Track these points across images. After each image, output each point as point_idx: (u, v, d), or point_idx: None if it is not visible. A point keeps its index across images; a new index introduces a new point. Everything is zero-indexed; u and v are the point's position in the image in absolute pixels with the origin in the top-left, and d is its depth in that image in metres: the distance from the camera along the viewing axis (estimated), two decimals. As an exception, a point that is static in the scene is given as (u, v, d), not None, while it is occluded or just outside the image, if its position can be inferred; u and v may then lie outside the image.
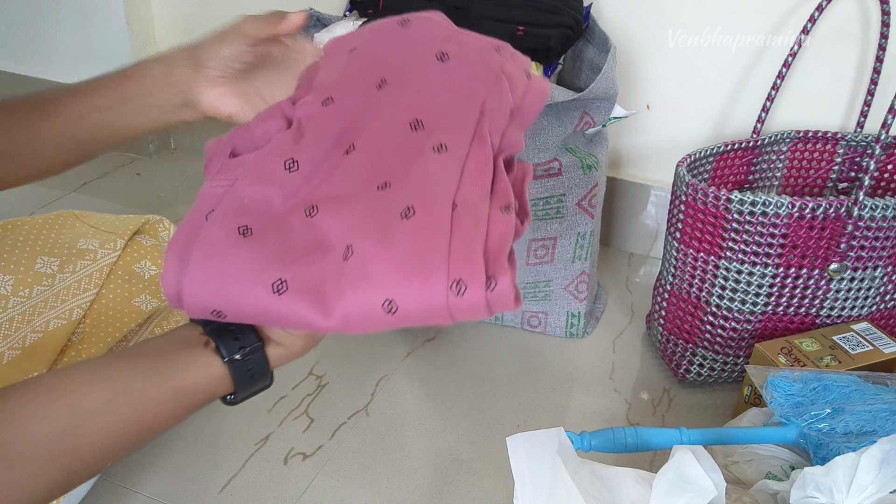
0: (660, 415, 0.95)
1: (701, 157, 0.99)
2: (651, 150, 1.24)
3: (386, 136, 0.48)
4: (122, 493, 0.82)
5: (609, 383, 1.00)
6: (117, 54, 1.47)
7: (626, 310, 1.15)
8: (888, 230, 0.85)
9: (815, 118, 1.12)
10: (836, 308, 0.90)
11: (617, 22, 1.15)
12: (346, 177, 0.47)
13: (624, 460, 0.82)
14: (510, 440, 0.45)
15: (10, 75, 1.59)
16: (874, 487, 0.56)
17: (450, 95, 0.49)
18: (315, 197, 0.46)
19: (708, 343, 0.95)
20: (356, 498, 0.82)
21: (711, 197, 0.86)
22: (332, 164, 0.48)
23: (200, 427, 0.91)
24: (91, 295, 0.73)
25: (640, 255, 1.30)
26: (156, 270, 0.78)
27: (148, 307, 0.76)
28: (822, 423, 0.69)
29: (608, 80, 0.92)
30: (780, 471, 0.69)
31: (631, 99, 1.20)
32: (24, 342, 0.68)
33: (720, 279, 0.90)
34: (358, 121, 0.49)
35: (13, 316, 0.69)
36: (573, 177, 0.97)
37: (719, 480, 0.53)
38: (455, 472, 0.85)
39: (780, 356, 0.84)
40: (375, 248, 0.42)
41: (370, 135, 0.48)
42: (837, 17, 1.05)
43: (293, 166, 0.47)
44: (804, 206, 0.83)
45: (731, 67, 1.13)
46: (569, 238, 1.00)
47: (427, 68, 0.51)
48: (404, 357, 1.03)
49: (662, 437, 0.65)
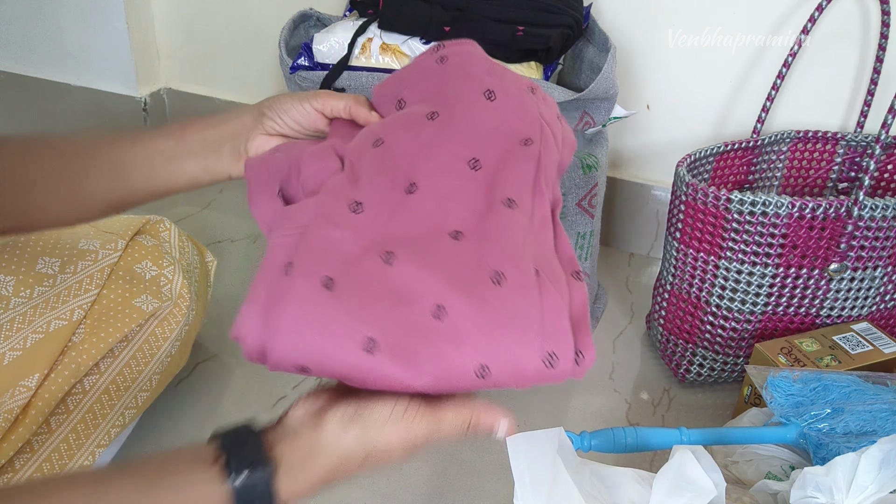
0: (660, 415, 0.95)
1: (701, 157, 0.99)
2: (651, 150, 1.24)
3: (447, 176, 0.48)
4: (123, 493, 0.82)
5: (609, 383, 1.00)
6: (117, 54, 1.47)
7: (626, 310, 1.15)
8: (888, 230, 0.85)
9: (815, 118, 1.12)
10: (836, 308, 0.90)
11: (617, 22, 1.15)
12: (412, 218, 0.47)
13: (624, 460, 0.82)
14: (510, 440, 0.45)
15: (10, 75, 1.59)
16: (874, 487, 0.56)
17: (503, 137, 0.50)
18: (385, 238, 0.46)
19: (708, 343, 0.95)
20: (356, 498, 0.82)
21: (711, 197, 0.86)
22: (395, 203, 0.47)
23: (201, 427, 0.91)
24: (92, 295, 0.73)
25: (640, 255, 1.30)
26: (157, 271, 0.78)
27: (149, 307, 0.76)
28: (822, 423, 0.69)
29: (608, 80, 0.92)
30: (780, 471, 0.69)
31: (631, 99, 1.20)
32: (24, 343, 0.68)
33: (720, 279, 0.90)
34: (413, 158, 0.49)
35: (14, 317, 0.69)
36: (573, 177, 0.97)
37: (719, 480, 0.53)
38: (455, 472, 0.85)
39: (780, 356, 0.84)
40: (470, 313, 0.42)
41: (430, 173, 0.48)
42: (837, 17, 1.05)
43: (358, 208, 0.46)
44: (804, 206, 0.83)
45: (731, 67, 1.13)
46: (569, 238, 1.00)
47: (476, 105, 0.50)
48: (404, 357, 1.03)
49: (662, 437, 0.65)
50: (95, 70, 1.52)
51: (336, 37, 0.97)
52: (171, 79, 1.54)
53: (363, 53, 0.96)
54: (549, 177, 0.49)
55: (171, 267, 0.79)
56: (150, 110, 1.52)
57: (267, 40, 1.40)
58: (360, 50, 0.96)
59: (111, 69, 1.50)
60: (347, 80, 0.93)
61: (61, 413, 0.70)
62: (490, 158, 0.49)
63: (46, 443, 0.69)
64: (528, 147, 0.49)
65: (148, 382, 0.76)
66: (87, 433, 0.71)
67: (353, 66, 0.96)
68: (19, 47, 1.55)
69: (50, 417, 0.69)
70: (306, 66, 0.98)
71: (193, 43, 1.48)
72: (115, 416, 0.73)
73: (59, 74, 1.55)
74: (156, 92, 1.53)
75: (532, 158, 0.49)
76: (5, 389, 0.65)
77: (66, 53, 1.52)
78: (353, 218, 0.46)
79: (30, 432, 0.67)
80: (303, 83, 0.97)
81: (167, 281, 0.78)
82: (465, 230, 0.46)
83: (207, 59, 1.49)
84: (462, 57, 0.53)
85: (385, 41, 0.96)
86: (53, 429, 0.69)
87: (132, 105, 1.51)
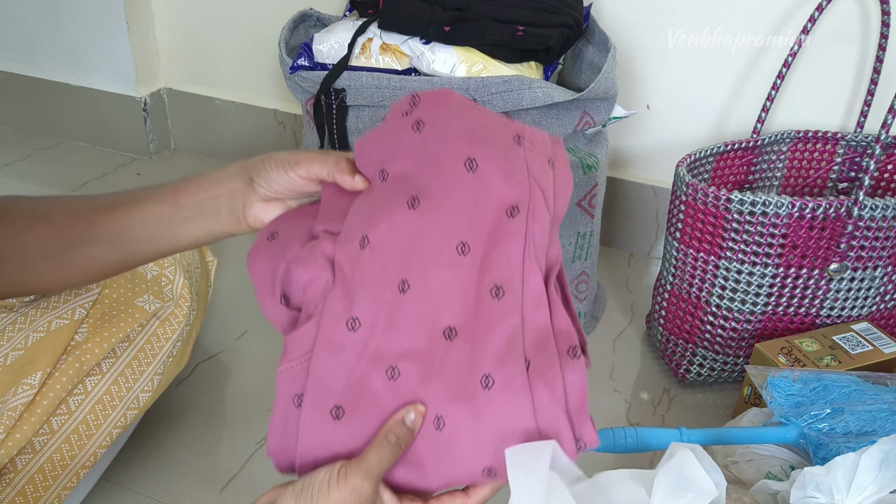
0: (660, 415, 0.95)
1: (701, 157, 0.99)
2: (651, 150, 1.24)
3: (437, 268, 0.48)
4: (123, 494, 0.82)
5: (609, 383, 1.00)
6: (117, 54, 1.47)
7: (626, 310, 1.15)
8: (888, 230, 0.85)
9: (815, 118, 1.12)
10: (836, 308, 0.90)
11: (617, 22, 1.15)
12: (409, 321, 0.48)
13: (624, 460, 0.82)
14: (508, 452, 0.46)
15: (10, 75, 1.59)
16: (874, 487, 0.56)
17: (488, 210, 0.48)
18: (385, 349, 0.48)
19: (708, 343, 0.95)
20: (357, 498, 0.82)
21: (711, 197, 0.86)
22: (390, 306, 0.48)
23: (200, 427, 0.91)
24: (94, 294, 0.73)
25: (640, 255, 1.30)
26: (157, 271, 0.78)
27: (151, 307, 0.76)
28: (822, 423, 0.69)
29: (608, 80, 0.92)
30: (780, 471, 0.69)
31: (631, 99, 1.20)
32: (26, 342, 0.68)
33: (720, 279, 0.90)
34: (402, 254, 0.48)
35: (16, 318, 0.69)
36: (573, 177, 0.97)
37: (720, 480, 0.53)
38: (455, 471, 0.85)
39: (780, 356, 0.84)
40: (465, 422, 0.46)
41: (420, 268, 0.48)
42: (837, 17, 1.05)
43: (355, 324, 0.48)
44: (804, 206, 0.83)
45: (731, 67, 1.13)
46: (569, 238, 1.00)
47: (458, 180, 0.48)
48: (405, 357, 1.03)
49: (662, 437, 0.65)
50: (95, 70, 1.52)
51: (336, 37, 0.97)
52: (171, 79, 1.54)
53: (363, 53, 0.97)
54: (539, 246, 0.48)
55: (172, 266, 0.79)
56: (150, 110, 1.52)
57: (267, 40, 1.40)
58: (360, 50, 0.97)
59: (111, 69, 1.50)
60: (347, 80, 0.94)
61: (63, 413, 0.70)
62: (477, 237, 0.48)
63: (48, 443, 0.69)
64: (514, 219, 0.48)
65: (149, 383, 0.76)
66: (88, 434, 0.71)
67: (353, 66, 0.96)
68: (19, 47, 1.56)
69: (52, 418, 0.69)
70: (306, 66, 0.98)
71: (193, 43, 1.48)
72: (117, 416, 0.73)
73: (59, 74, 1.55)
74: (156, 92, 1.53)
75: (518, 234, 0.48)
76: (8, 388, 0.65)
77: (66, 53, 1.52)
78: (352, 336, 0.48)
79: (33, 431, 0.67)
80: (303, 83, 0.97)
81: (168, 281, 0.78)
82: (458, 326, 0.48)
83: (207, 59, 1.49)
84: (438, 120, 0.50)
85: (385, 41, 0.96)
86: (55, 429, 0.69)
87: (132, 105, 1.51)
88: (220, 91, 1.50)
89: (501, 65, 0.95)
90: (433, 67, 0.94)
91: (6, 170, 1.50)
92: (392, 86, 0.92)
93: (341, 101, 0.95)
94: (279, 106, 1.45)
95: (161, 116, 1.55)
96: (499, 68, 0.95)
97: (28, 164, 1.53)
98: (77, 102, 1.56)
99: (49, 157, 1.56)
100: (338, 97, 0.95)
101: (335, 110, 0.96)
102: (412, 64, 0.96)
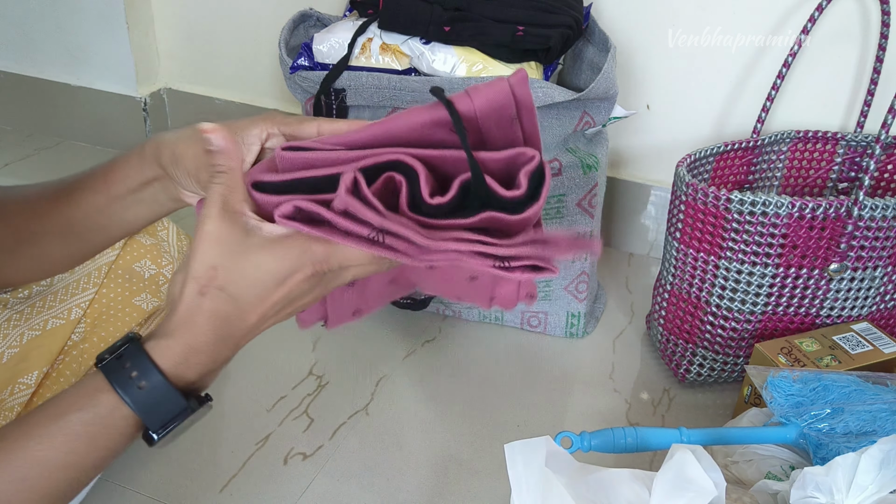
0: (660, 415, 0.95)
1: (701, 157, 0.99)
2: (651, 150, 1.24)
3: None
4: (122, 493, 0.82)
5: (609, 383, 1.00)
6: (117, 54, 1.47)
7: (626, 310, 1.15)
8: (888, 230, 0.85)
9: (815, 118, 1.12)
10: (836, 308, 0.90)
11: (617, 22, 1.15)
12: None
13: (624, 460, 0.82)
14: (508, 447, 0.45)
15: (10, 75, 1.59)
16: (874, 487, 0.56)
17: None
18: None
19: (708, 343, 0.95)
20: (356, 498, 0.82)
21: (711, 197, 0.86)
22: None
23: (200, 427, 0.90)
24: (90, 294, 0.73)
25: (640, 255, 1.30)
26: (155, 270, 0.78)
27: (149, 306, 0.76)
28: (822, 423, 0.68)
29: (608, 80, 0.92)
30: (780, 471, 0.69)
31: (631, 99, 1.20)
32: (21, 339, 0.68)
33: (720, 279, 0.90)
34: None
35: (11, 315, 0.69)
36: (573, 177, 0.97)
37: (719, 480, 0.53)
38: (455, 472, 0.85)
39: (780, 356, 0.84)
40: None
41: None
42: (837, 17, 1.05)
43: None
44: (804, 206, 0.83)
45: (731, 67, 1.13)
46: (569, 238, 1.00)
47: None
48: (404, 357, 1.03)
49: (662, 437, 0.65)
50: (95, 70, 1.52)
51: (336, 37, 0.97)
52: (171, 79, 1.54)
53: (363, 53, 0.97)
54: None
55: (170, 266, 0.79)
56: (150, 110, 1.52)
57: (267, 40, 1.40)
58: (360, 50, 0.96)
59: (111, 69, 1.50)
60: (347, 80, 0.93)
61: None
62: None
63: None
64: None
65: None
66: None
67: (353, 65, 0.96)
68: (19, 47, 1.56)
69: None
70: (306, 66, 0.98)
71: (193, 43, 1.48)
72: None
73: (60, 74, 1.55)
74: (156, 92, 1.53)
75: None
76: (4, 386, 0.65)
77: (67, 53, 1.52)
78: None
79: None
80: (303, 83, 0.97)
81: (166, 280, 0.78)
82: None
83: (207, 59, 1.49)
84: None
85: (385, 41, 0.96)
86: (53, 428, 0.69)
87: (132, 105, 1.51)
88: (220, 91, 1.50)
89: (501, 65, 0.95)
90: (433, 67, 0.94)
91: (6, 170, 1.50)
92: (392, 86, 0.92)
93: (341, 101, 0.95)
94: (279, 106, 1.45)
95: (161, 116, 1.55)
96: (499, 68, 0.95)
97: (28, 164, 1.53)
98: (77, 102, 1.56)
99: (49, 157, 1.56)
100: (338, 97, 0.95)
101: (335, 110, 0.96)
102: (412, 64, 0.96)
